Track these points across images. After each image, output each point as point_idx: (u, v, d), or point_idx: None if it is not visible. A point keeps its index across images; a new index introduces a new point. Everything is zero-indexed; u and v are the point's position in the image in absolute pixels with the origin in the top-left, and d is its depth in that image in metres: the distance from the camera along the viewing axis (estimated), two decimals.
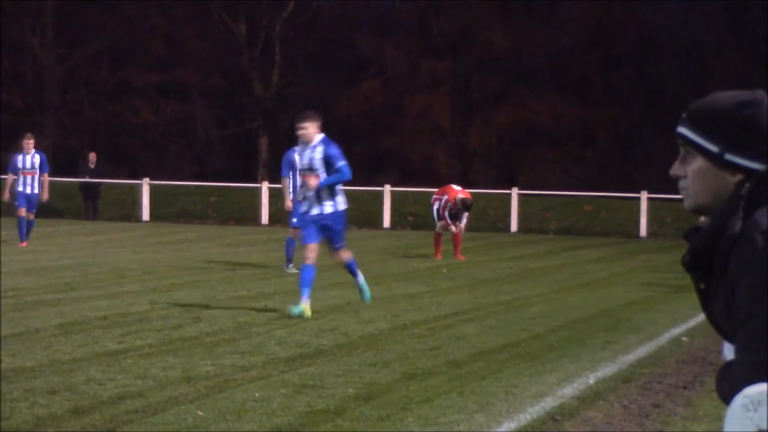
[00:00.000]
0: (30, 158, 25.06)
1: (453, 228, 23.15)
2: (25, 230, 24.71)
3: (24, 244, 24.38)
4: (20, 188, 24.86)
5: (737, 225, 2.74)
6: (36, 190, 24.91)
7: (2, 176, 38.19)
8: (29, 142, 25.25)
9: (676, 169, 2.95)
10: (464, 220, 23.20)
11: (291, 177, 19.39)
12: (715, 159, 2.86)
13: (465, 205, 22.90)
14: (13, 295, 15.12)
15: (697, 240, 2.84)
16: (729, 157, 2.84)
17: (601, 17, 53.86)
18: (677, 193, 2.98)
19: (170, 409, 8.47)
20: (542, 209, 36.63)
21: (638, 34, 53.71)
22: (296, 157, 18.41)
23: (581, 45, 54.52)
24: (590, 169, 50.12)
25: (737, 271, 2.71)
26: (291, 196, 19.47)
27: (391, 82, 55.10)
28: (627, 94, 52.65)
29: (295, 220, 19.16)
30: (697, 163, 2.90)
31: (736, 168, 2.84)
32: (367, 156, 53.96)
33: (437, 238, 23.43)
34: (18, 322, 12.64)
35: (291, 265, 19.59)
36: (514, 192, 35.02)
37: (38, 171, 24.94)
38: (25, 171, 24.95)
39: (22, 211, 24.74)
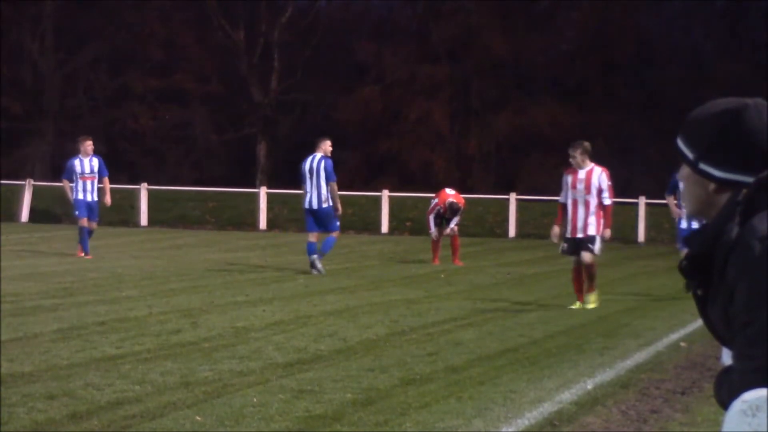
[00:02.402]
0: (89, 162, 23.23)
1: (434, 235, 23.27)
2: (87, 240, 23.11)
3: (83, 254, 22.92)
4: (80, 195, 23.06)
5: (734, 231, 2.74)
6: (96, 197, 23.18)
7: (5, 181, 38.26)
8: (88, 144, 23.38)
9: (679, 175, 2.97)
10: (453, 224, 23.21)
11: (310, 182, 20.41)
12: (692, 166, 2.88)
13: (453, 209, 22.97)
14: (11, 300, 15.11)
15: (694, 245, 2.84)
16: (702, 166, 2.86)
17: (599, 23, 53.88)
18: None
19: (168, 414, 8.47)
20: (540, 215, 36.60)
21: (637, 40, 53.74)
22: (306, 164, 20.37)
23: (580, 51, 54.55)
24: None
25: (735, 277, 2.70)
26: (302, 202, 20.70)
27: (389, 88, 55.12)
28: (626, 101, 52.67)
29: (338, 223, 20.69)
30: (685, 169, 2.92)
31: (709, 177, 2.85)
32: (365, 161, 54.01)
33: (435, 243, 23.46)
34: (16, 327, 12.63)
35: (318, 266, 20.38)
36: (513, 197, 35.01)
37: (97, 175, 23.23)
38: (84, 176, 23.09)
39: (85, 221, 22.97)
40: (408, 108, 54.33)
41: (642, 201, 33.66)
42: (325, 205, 20.33)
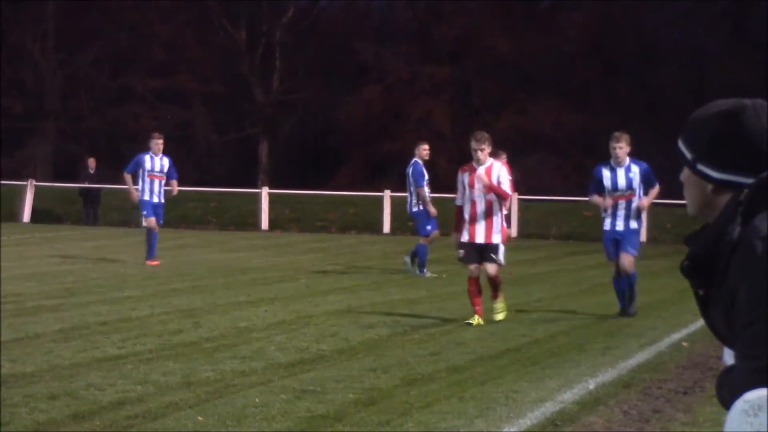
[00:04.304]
0: (159, 161, 21.65)
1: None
2: (154, 245, 21.72)
3: (156, 262, 21.60)
4: (146, 196, 21.61)
5: (736, 231, 2.74)
6: (162, 199, 21.71)
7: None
8: (159, 142, 21.65)
9: (681, 175, 2.98)
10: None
11: (425, 185, 20.67)
12: (691, 167, 2.89)
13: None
14: (13, 301, 15.12)
15: (696, 246, 2.84)
16: (699, 167, 2.86)
17: (601, 24, 53.88)
18: (676, 199, 3.01)
19: (170, 414, 8.48)
20: (542, 215, 36.62)
21: (638, 41, 53.73)
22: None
23: (581, 51, 54.54)
24: (590, 175, 50.09)
25: (737, 277, 2.71)
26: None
27: (391, 88, 55.13)
28: (627, 101, 52.65)
29: (429, 227, 20.46)
30: (685, 170, 2.92)
31: (707, 178, 2.85)
32: (367, 161, 54.01)
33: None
34: (18, 328, 12.64)
35: (425, 270, 20.52)
36: (514, 197, 34.99)
37: (165, 176, 21.68)
38: (153, 174, 21.54)
39: (152, 221, 21.57)
40: (409, 108, 54.34)
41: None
42: (414, 209, 20.72)
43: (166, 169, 21.72)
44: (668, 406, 9.29)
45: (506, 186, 14.12)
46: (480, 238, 14.01)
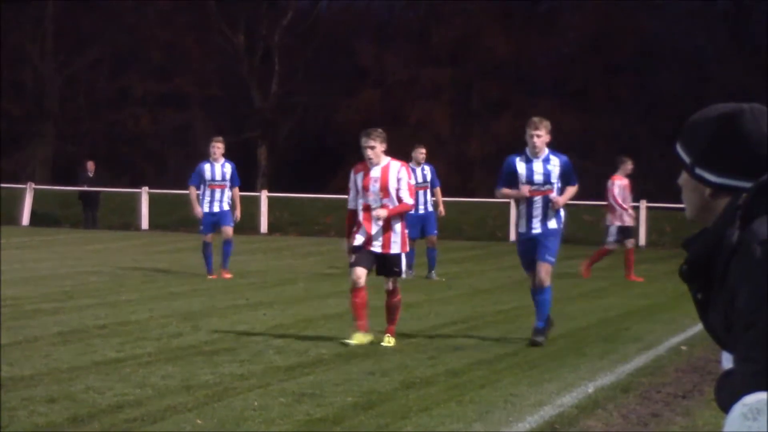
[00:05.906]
0: (220, 168, 20.24)
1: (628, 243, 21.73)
2: (219, 257, 20.21)
3: (217, 275, 19.96)
4: (205, 207, 20.13)
5: (735, 235, 2.74)
6: (227, 206, 20.22)
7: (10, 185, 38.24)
8: (217, 146, 20.31)
9: (679, 179, 2.97)
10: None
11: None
12: (689, 171, 2.88)
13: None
14: (12, 304, 15.11)
15: (695, 250, 2.84)
16: (697, 170, 2.86)
17: (601, 26, 53.89)
18: (676, 202, 3.01)
19: (169, 417, 8.47)
20: None
21: (639, 43, 53.74)
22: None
23: (581, 53, 54.54)
24: (590, 179, 50.08)
25: (736, 281, 2.70)
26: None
27: (390, 90, 55.11)
28: (627, 103, 52.66)
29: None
30: (684, 174, 2.92)
31: (705, 182, 2.85)
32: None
33: (605, 252, 21.92)
34: (17, 331, 12.63)
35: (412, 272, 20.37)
36: (514, 200, 34.99)
37: (228, 184, 20.30)
38: (214, 183, 20.09)
39: (209, 237, 20.16)
40: (409, 110, 54.32)
41: (643, 205, 33.67)
42: (421, 211, 21.02)
43: (228, 176, 20.26)
44: (667, 410, 9.28)
45: (405, 194, 12.47)
46: (377, 248, 12.39)
